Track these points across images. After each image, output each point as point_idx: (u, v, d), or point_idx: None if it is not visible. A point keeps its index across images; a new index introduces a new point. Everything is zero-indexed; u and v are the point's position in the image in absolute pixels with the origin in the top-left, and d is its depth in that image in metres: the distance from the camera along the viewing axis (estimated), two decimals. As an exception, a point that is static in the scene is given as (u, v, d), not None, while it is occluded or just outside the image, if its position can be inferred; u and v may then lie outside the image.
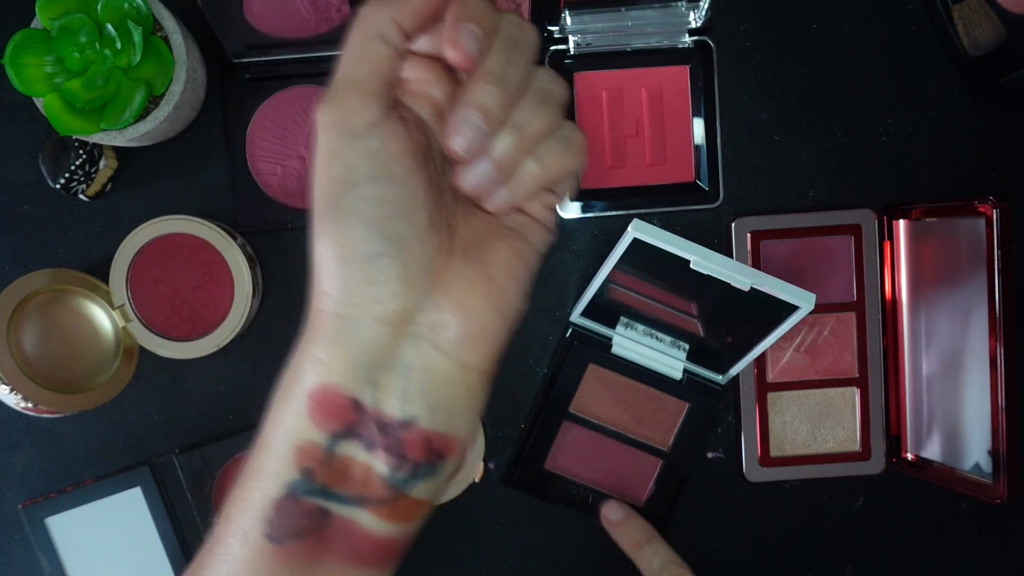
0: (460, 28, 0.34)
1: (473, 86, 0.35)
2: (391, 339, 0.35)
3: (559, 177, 0.38)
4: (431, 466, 0.37)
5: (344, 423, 0.35)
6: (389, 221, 0.35)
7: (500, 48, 0.35)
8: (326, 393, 0.35)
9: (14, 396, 0.53)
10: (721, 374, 0.57)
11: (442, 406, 0.36)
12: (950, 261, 0.56)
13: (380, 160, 0.35)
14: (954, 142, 0.59)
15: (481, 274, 0.37)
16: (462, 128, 0.35)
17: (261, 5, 0.55)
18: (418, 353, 0.36)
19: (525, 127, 0.36)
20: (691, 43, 0.57)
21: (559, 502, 0.59)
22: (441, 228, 0.37)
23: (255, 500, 0.36)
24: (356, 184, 0.34)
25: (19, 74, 0.49)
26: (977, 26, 0.56)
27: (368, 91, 0.35)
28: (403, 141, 0.35)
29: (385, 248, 0.35)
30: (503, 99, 0.35)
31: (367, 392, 0.35)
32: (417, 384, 0.36)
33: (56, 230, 0.57)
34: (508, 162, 0.36)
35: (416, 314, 0.36)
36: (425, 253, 0.36)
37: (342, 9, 0.55)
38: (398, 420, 0.36)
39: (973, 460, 0.55)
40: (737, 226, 0.58)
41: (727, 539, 0.60)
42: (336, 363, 0.35)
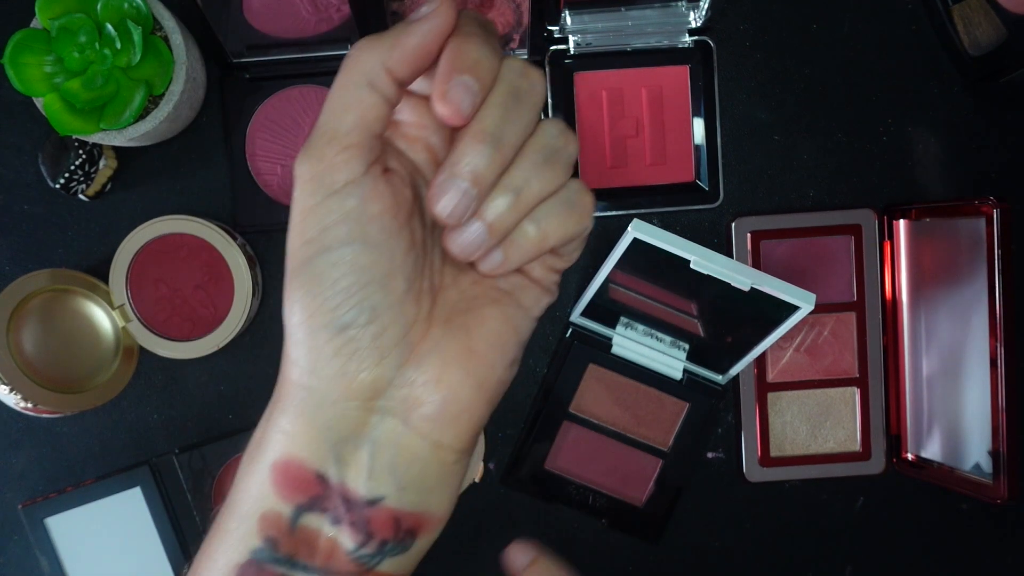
0: (452, 80, 0.31)
1: (463, 145, 0.31)
2: (359, 414, 0.33)
3: (561, 242, 0.34)
4: (400, 543, 0.35)
5: (308, 496, 0.34)
6: (362, 289, 0.32)
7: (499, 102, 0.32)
8: (289, 466, 0.33)
9: (14, 396, 0.53)
10: (721, 374, 0.57)
11: (412, 485, 0.34)
12: (950, 261, 0.56)
13: (357, 222, 0.32)
14: (954, 142, 0.59)
15: (462, 346, 0.34)
16: (447, 192, 0.31)
17: (261, 5, 0.55)
18: (388, 429, 0.33)
19: (523, 189, 0.32)
20: (691, 43, 0.57)
21: (559, 502, 0.59)
22: (421, 293, 0.34)
23: (220, 563, 0.34)
24: (329, 248, 0.32)
25: (19, 74, 0.49)
26: (977, 26, 0.56)
27: (350, 144, 0.32)
28: (385, 200, 0.32)
29: (355, 318, 0.32)
30: (497, 160, 0.32)
31: (332, 467, 0.33)
32: (385, 462, 0.34)
33: (56, 230, 0.57)
34: (502, 227, 0.33)
35: (387, 388, 0.33)
36: (400, 323, 0.33)
37: (342, 9, 0.55)
38: (364, 498, 0.34)
39: (973, 460, 0.55)
40: (737, 226, 0.58)
41: (727, 539, 0.60)
42: (301, 435, 0.33)
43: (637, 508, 0.59)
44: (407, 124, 0.35)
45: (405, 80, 0.32)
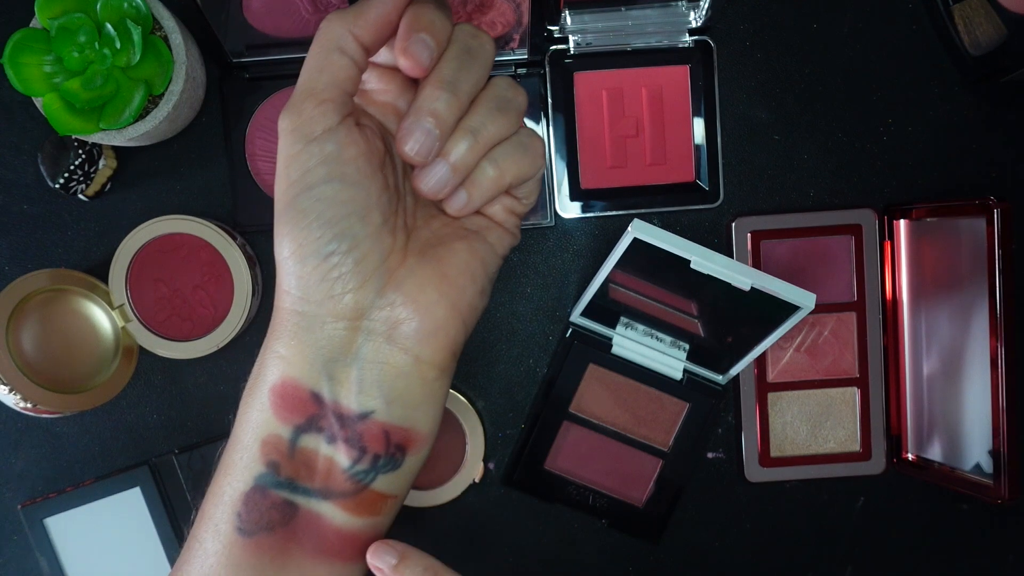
0: (412, 37, 0.36)
1: (424, 92, 0.36)
2: (347, 334, 0.37)
3: (517, 180, 0.39)
4: (391, 459, 0.38)
5: (305, 416, 0.37)
6: (343, 220, 0.36)
7: (453, 56, 0.37)
8: (286, 387, 0.37)
9: (13, 396, 0.53)
10: (721, 374, 0.57)
11: (399, 399, 0.38)
12: (951, 261, 0.56)
13: (335, 163, 0.36)
14: (955, 142, 0.59)
15: (435, 271, 0.38)
16: (414, 133, 0.36)
17: (260, 5, 0.55)
18: (373, 347, 0.37)
19: (480, 132, 0.37)
20: (691, 43, 0.57)
21: (559, 502, 0.59)
22: (396, 229, 0.38)
23: (226, 495, 0.37)
24: (311, 186, 0.36)
25: (18, 74, 0.49)
26: (978, 26, 0.56)
27: (325, 99, 0.36)
28: (359, 146, 0.37)
29: (338, 246, 0.36)
30: (455, 104, 0.36)
31: (325, 385, 0.37)
32: (373, 377, 0.37)
33: (55, 230, 0.57)
34: (464, 166, 0.37)
35: (371, 310, 0.37)
36: (379, 251, 0.37)
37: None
38: (356, 412, 0.37)
39: (974, 460, 0.55)
40: (737, 226, 0.58)
41: (727, 539, 0.60)
42: (295, 358, 0.37)
43: (637, 508, 0.59)
44: (376, 91, 0.39)
45: (370, 44, 0.37)
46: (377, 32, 0.37)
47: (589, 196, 0.58)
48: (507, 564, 0.60)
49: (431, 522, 0.60)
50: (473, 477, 0.59)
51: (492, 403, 0.59)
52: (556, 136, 0.57)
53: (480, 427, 0.59)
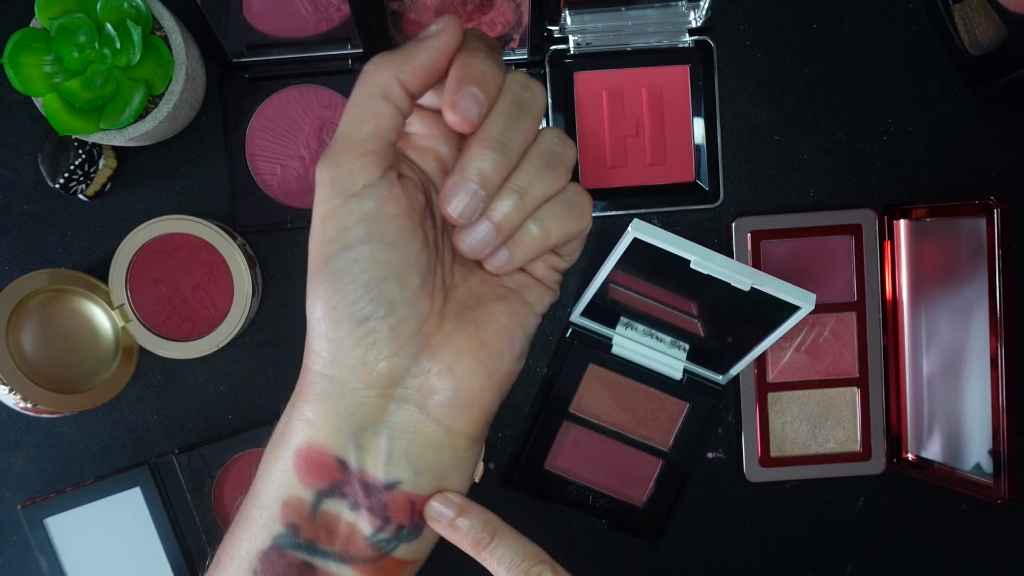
0: (461, 91, 0.34)
1: (472, 151, 0.34)
2: (378, 401, 0.35)
3: (562, 240, 0.37)
4: (415, 528, 0.37)
5: (329, 482, 0.36)
6: (380, 284, 0.34)
7: (503, 111, 0.34)
8: (312, 452, 0.35)
9: (13, 396, 0.53)
10: (721, 374, 0.57)
11: (428, 470, 0.36)
12: (951, 261, 0.56)
13: (374, 222, 0.34)
14: (955, 142, 0.59)
15: (473, 338, 0.36)
16: (458, 194, 0.34)
17: (261, 4, 0.55)
18: (404, 416, 0.36)
19: (527, 191, 0.35)
20: (691, 43, 0.57)
21: (559, 502, 0.59)
22: (435, 290, 0.36)
23: (243, 550, 0.36)
24: (348, 246, 0.34)
25: (18, 74, 0.49)
26: (978, 25, 0.56)
27: (368, 151, 0.34)
28: (400, 202, 0.35)
29: (374, 311, 0.34)
30: (503, 164, 0.34)
31: (352, 453, 0.35)
32: (402, 447, 0.36)
33: (55, 230, 0.57)
34: (508, 226, 0.35)
35: (404, 378, 0.35)
36: (416, 316, 0.35)
37: (342, 8, 0.55)
38: (383, 482, 0.36)
39: (974, 460, 0.55)
40: (737, 226, 0.58)
41: (727, 539, 0.60)
42: (323, 423, 0.35)
43: (637, 508, 0.59)
44: (418, 136, 0.37)
45: (416, 92, 0.35)
46: (425, 79, 0.34)
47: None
48: (507, 564, 0.60)
49: (431, 522, 0.60)
50: (473, 477, 0.59)
51: (492, 403, 0.59)
52: (556, 136, 0.57)
53: (480, 427, 0.58)
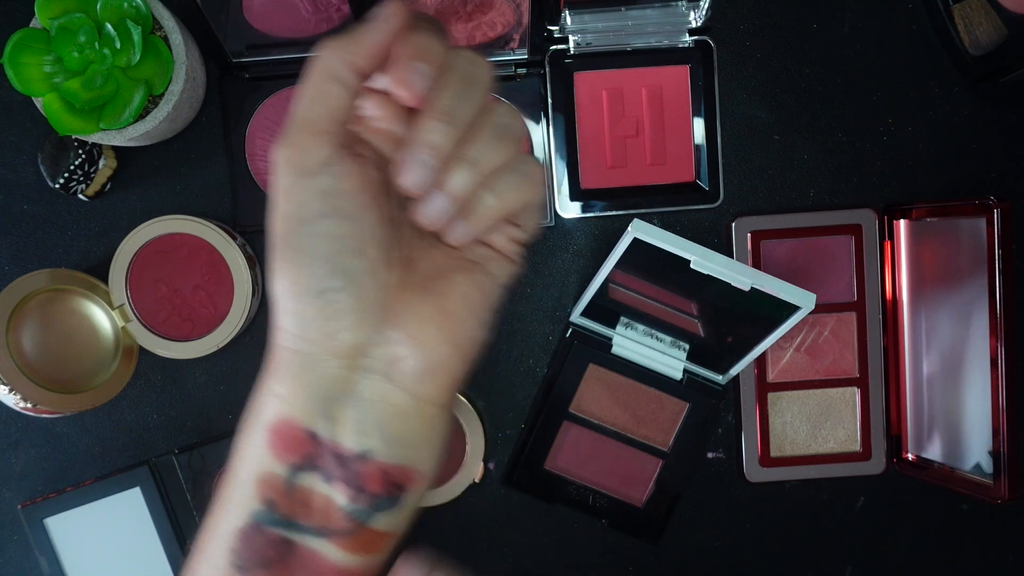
0: (409, 66, 0.35)
1: (423, 123, 0.36)
2: (346, 373, 0.36)
3: (517, 209, 0.38)
4: (390, 498, 0.37)
5: (302, 455, 0.36)
6: (340, 257, 0.36)
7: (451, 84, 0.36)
8: (283, 426, 0.36)
9: (13, 396, 0.53)
10: (721, 374, 0.57)
11: (398, 439, 0.37)
12: (951, 261, 0.56)
13: (331, 197, 0.36)
14: (955, 142, 0.59)
15: (436, 307, 0.37)
16: (412, 166, 0.35)
17: (261, 4, 0.55)
18: (373, 386, 0.36)
19: (480, 161, 0.36)
20: (691, 43, 0.57)
21: (559, 502, 0.59)
22: (396, 262, 0.37)
23: (223, 530, 0.37)
24: (307, 221, 0.36)
25: (18, 74, 0.49)
26: (978, 25, 0.56)
27: (322, 131, 0.36)
28: (356, 178, 0.36)
29: (335, 283, 0.35)
30: (454, 135, 0.36)
31: (323, 425, 0.36)
32: (372, 417, 0.36)
33: (55, 230, 0.57)
34: (464, 196, 0.37)
35: (370, 348, 0.36)
36: (377, 287, 0.36)
37: (342, 8, 0.55)
38: (354, 452, 0.36)
39: (974, 460, 0.55)
40: (737, 226, 0.58)
41: (727, 539, 0.60)
42: (293, 397, 0.36)
43: (637, 508, 0.59)
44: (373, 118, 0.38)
45: (365, 72, 0.36)
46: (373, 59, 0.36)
47: (589, 196, 0.58)
48: (507, 564, 0.60)
49: (431, 522, 0.60)
50: (473, 477, 0.59)
51: (492, 403, 0.59)
52: (556, 136, 0.57)
53: (480, 427, 0.59)
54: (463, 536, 0.60)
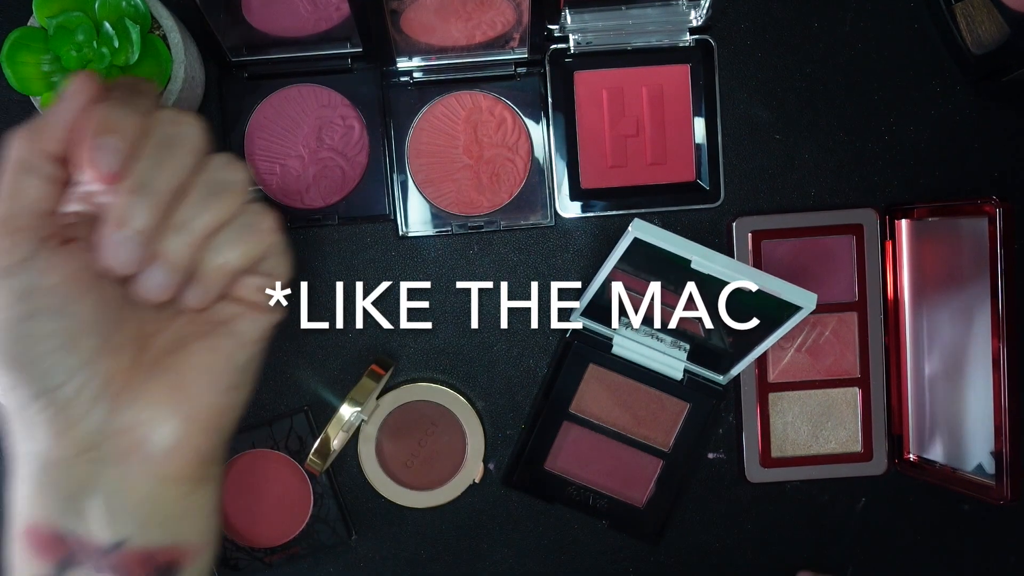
0: (94, 144, 0.33)
1: (119, 200, 0.33)
2: (85, 467, 0.35)
3: (248, 262, 0.37)
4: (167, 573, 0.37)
5: (61, 555, 0.35)
6: (53, 355, 0.34)
7: (149, 152, 0.34)
8: (33, 531, 0.35)
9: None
10: (722, 374, 0.57)
11: (152, 521, 0.36)
12: (953, 261, 0.55)
13: (35, 296, 0.34)
14: (957, 141, 0.59)
15: (171, 384, 0.36)
16: (113, 245, 0.34)
17: (260, 3, 0.54)
18: (113, 475, 0.35)
19: (192, 223, 0.35)
20: (692, 42, 0.57)
21: (559, 503, 0.59)
22: (123, 344, 0.36)
23: None
24: (12, 325, 0.34)
25: (16, 72, 0.49)
26: (980, 24, 0.56)
27: (18, 228, 0.34)
28: (63, 270, 0.34)
29: (50, 383, 0.34)
30: (153, 206, 0.34)
31: (72, 521, 0.35)
32: (119, 506, 0.35)
33: (54, 230, 0.57)
34: (182, 262, 0.35)
35: (104, 439, 0.35)
36: (98, 378, 0.35)
37: (341, 7, 0.55)
38: (108, 544, 0.35)
39: (976, 461, 0.54)
40: (738, 226, 0.58)
41: (728, 540, 0.60)
42: (37, 499, 0.35)
43: (638, 509, 0.59)
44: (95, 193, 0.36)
45: (63, 157, 0.34)
46: (65, 141, 0.34)
47: (589, 196, 0.58)
48: (507, 564, 0.60)
49: (431, 522, 0.60)
50: (473, 478, 0.58)
51: (492, 403, 0.59)
52: (556, 136, 0.57)
53: (480, 427, 0.58)
54: (463, 536, 0.60)
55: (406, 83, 0.56)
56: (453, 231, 0.57)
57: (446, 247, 0.58)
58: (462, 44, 0.55)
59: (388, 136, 0.57)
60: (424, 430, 0.59)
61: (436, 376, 0.59)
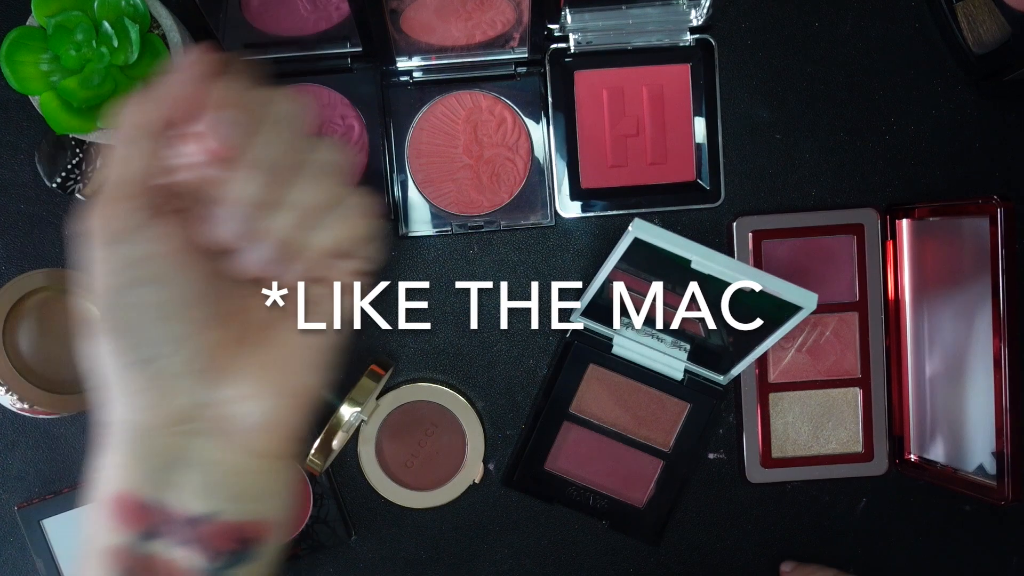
0: (217, 117, 0.34)
1: (236, 174, 0.34)
2: (179, 438, 0.35)
3: (346, 244, 0.37)
4: (244, 552, 0.37)
5: (147, 525, 0.36)
6: (160, 324, 0.34)
7: (264, 130, 0.35)
8: (123, 499, 0.35)
9: (10, 397, 0.52)
10: (722, 374, 0.57)
11: (242, 495, 0.37)
12: (954, 260, 0.55)
13: (144, 264, 0.34)
14: (958, 140, 0.59)
15: (267, 359, 0.37)
16: (226, 218, 0.34)
17: (259, 3, 0.54)
18: (208, 448, 0.36)
19: (298, 203, 0.35)
20: (692, 41, 0.57)
21: (559, 503, 0.59)
22: (224, 318, 0.36)
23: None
24: (120, 292, 0.34)
25: (15, 72, 0.48)
26: (981, 23, 0.55)
27: (131, 195, 0.34)
28: (173, 239, 0.35)
29: (158, 352, 0.34)
30: (266, 182, 0.34)
31: (162, 492, 0.35)
32: (210, 479, 0.36)
33: (52, 229, 0.57)
34: (287, 240, 0.36)
35: (200, 410, 0.36)
36: (203, 349, 0.35)
37: (341, 7, 0.55)
38: (197, 515, 0.36)
39: (977, 461, 0.54)
40: (738, 225, 0.58)
41: (728, 540, 0.60)
42: (129, 468, 0.35)
43: (638, 509, 0.58)
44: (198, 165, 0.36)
45: (178, 125, 0.35)
46: (182, 113, 0.35)
47: (589, 196, 0.58)
48: (507, 564, 0.60)
49: (431, 522, 0.60)
50: (473, 478, 0.58)
51: (492, 403, 0.59)
52: (556, 135, 0.57)
53: (480, 427, 0.58)
54: (463, 537, 0.60)
55: (406, 83, 0.56)
56: (453, 231, 0.57)
57: (446, 247, 0.58)
58: (462, 44, 0.54)
59: (388, 136, 0.57)
60: (424, 430, 0.59)
61: (436, 376, 0.59)
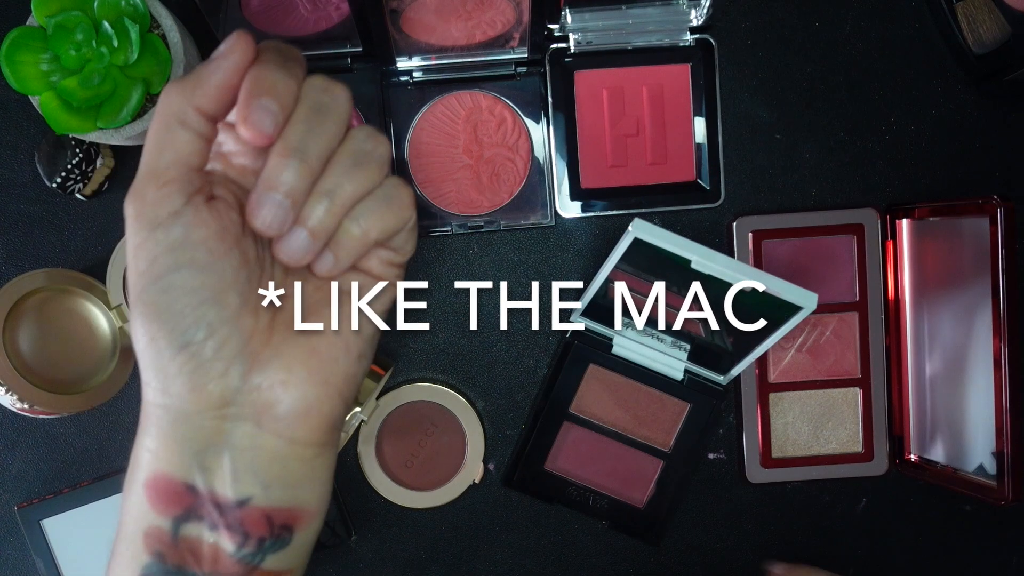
0: (252, 104, 0.34)
1: (272, 162, 0.34)
2: (217, 423, 0.35)
3: (384, 235, 0.37)
4: (279, 539, 0.37)
5: (182, 507, 0.36)
6: (196, 309, 0.34)
7: (302, 117, 0.35)
8: (159, 481, 0.36)
9: (10, 397, 0.52)
10: (722, 374, 0.57)
11: (277, 481, 0.37)
12: (954, 260, 0.55)
13: (183, 249, 0.34)
14: (958, 140, 0.59)
15: (304, 347, 0.36)
16: (263, 206, 0.34)
17: (259, 3, 0.54)
18: (243, 433, 0.36)
19: (337, 192, 0.35)
20: (692, 41, 0.57)
21: (559, 503, 0.59)
22: (261, 305, 0.36)
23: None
24: (159, 276, 0.34)
25: (15, 72, 0.48)
26: (981, 23, 0.55)
27: (169, 180, 0.34)
28: (210, 225, 0.35)
29: (194, 336, 0.34)
30: (305, 171, 0.34)
31: (199, 476, 0.36)
32: (246, 464, 0.36)
33: (52, 230, 0.57)
34: (323, 230, 0.35)
35: (239, 396, 0.36)
36: (239, 335, 0.35)
37: (341, 7, 0.55)
38: (233, 500, 0.36)
39: (977, 461, 0.54)
40: (738, 225, 0.58)
41: (728, 540, 0.60)
42: (165, 451, 0.36)
43: (638, 509, 0.58)
44: (232, 154, 0.37)
45: (215, 114, 0.35)
46: (219, 99, 0.35)
47: (589, 195, 0.58)
48: (507, 565, 0.60)
49: (431, 522, 0.60)
50: (473, 478, 0.58)
51: (492, 403, 0.59)
52: (556, 135, 0.57)
53: (480, 427, 0.58)
54: (463, 537, 0.60)
55: (406, 83, 0.56)
56: (453, 231, 0.57)
57: (445, 247, 0.58)
58: (462, 44, 0.54)
59: (388, 136, 0.57)
60: (424, 430, 0.59)
61: (436, 376, 0.59)
